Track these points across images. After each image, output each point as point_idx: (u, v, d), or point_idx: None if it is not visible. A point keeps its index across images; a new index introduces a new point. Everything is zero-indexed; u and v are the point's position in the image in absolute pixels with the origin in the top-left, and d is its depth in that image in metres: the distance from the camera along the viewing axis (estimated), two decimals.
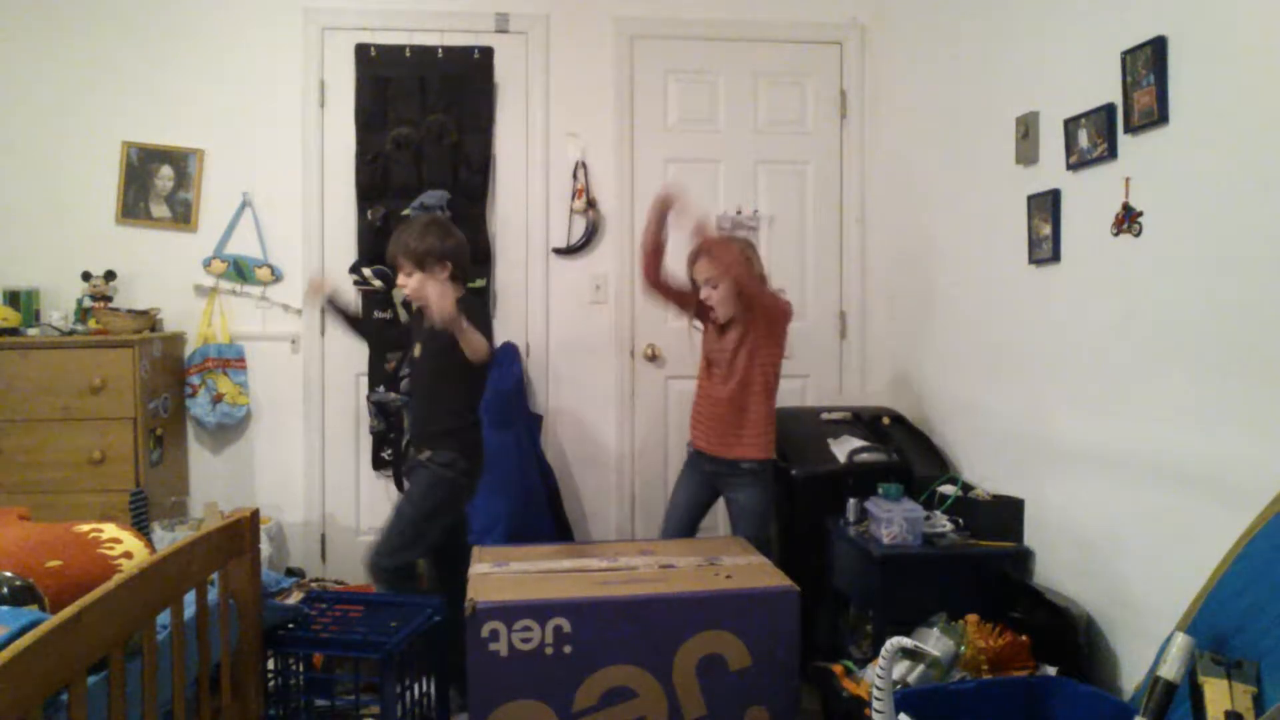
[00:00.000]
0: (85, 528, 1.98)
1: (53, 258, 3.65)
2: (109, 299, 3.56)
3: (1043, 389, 2.65)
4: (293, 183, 3.78)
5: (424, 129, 3.74)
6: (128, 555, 1.93)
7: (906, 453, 3.14)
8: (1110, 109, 2.32)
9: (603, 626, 2.24)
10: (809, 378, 4.01)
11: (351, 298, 2.97)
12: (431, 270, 2.79)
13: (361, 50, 3.73)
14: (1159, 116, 2.15)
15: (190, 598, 1.88)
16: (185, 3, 3.71)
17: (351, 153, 3.75)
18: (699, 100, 3.94)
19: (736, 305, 2.86)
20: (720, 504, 3.02)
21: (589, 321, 3.91)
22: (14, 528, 1.98)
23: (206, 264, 3.74)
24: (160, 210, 3.73)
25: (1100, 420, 2.39)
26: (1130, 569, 2.27)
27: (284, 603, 2.33)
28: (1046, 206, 2.60)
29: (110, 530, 2.00)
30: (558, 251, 3.87)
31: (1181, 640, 1.62)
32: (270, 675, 2.28)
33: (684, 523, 3.00)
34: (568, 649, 2.22)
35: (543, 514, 3.58)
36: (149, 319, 3.56)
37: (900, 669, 2.22)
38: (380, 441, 3.77)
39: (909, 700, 1.87)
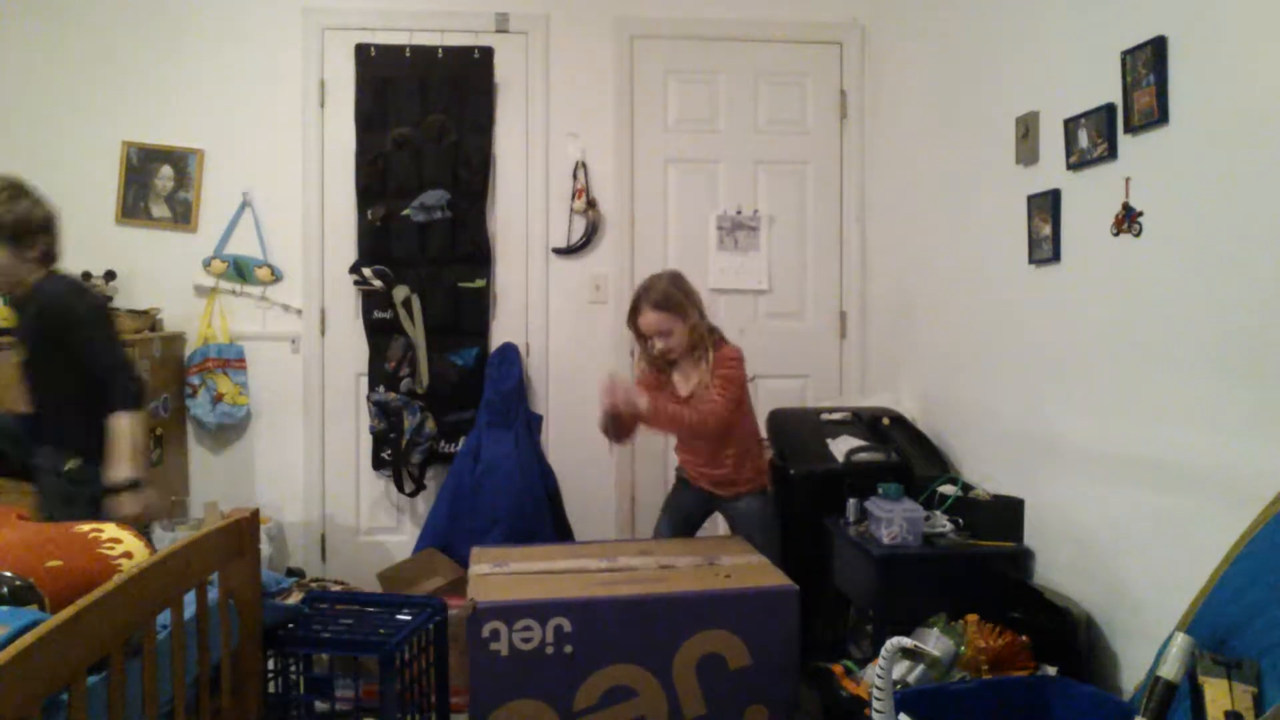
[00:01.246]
0: (85, 527, 1.98)
1: None
2: (109, 299, 3.55)
3: (1043, 389, 2.65)
4: (293, 183, 3.78)
5: (424, 129, 3.74)
6: (128, 555, 1.93)
7: (906, 453, 3.14)
8: (1110, 109, 2.32)
9: (604, 626, 2.24)
10: (809, 378, 4.01)
11: None
12: (21, 249, 2.26)
13: (361, 50, 3.73)
14: (1159, 116, 2.14)
15: (190, 598, 1.88)
16: (185, 3, 3.72)
17: (351, 153, 3.75)
18: (699, 100, 3.94)
19: (690, 340, 2.77)
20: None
21: (589, 321, 3.91)
22: (13, 528, 1.98)
23: (206, 264, 3.74)
24: (160, 210, 3.74)
25: (1100, 420, 2.39)
26: (1130, 569, 2.27)
27: (284, 603, 2.33)
28: (1046, 206, 2.60)
29: (110, 530, 1.99)
30: (558, 251, 3.87)
31: (1181, 640, 1.62)
32: (270, 675, 2.28)
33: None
34: (568, 648, 2.22)
35: (543, 514, 3.58)
36: (149, 319, 3.56)
37: (900, 669, 2.22)
38: (380, 441, 3.76)
39: (909, 700, 1.87)
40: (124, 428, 2.23)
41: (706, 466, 2.86)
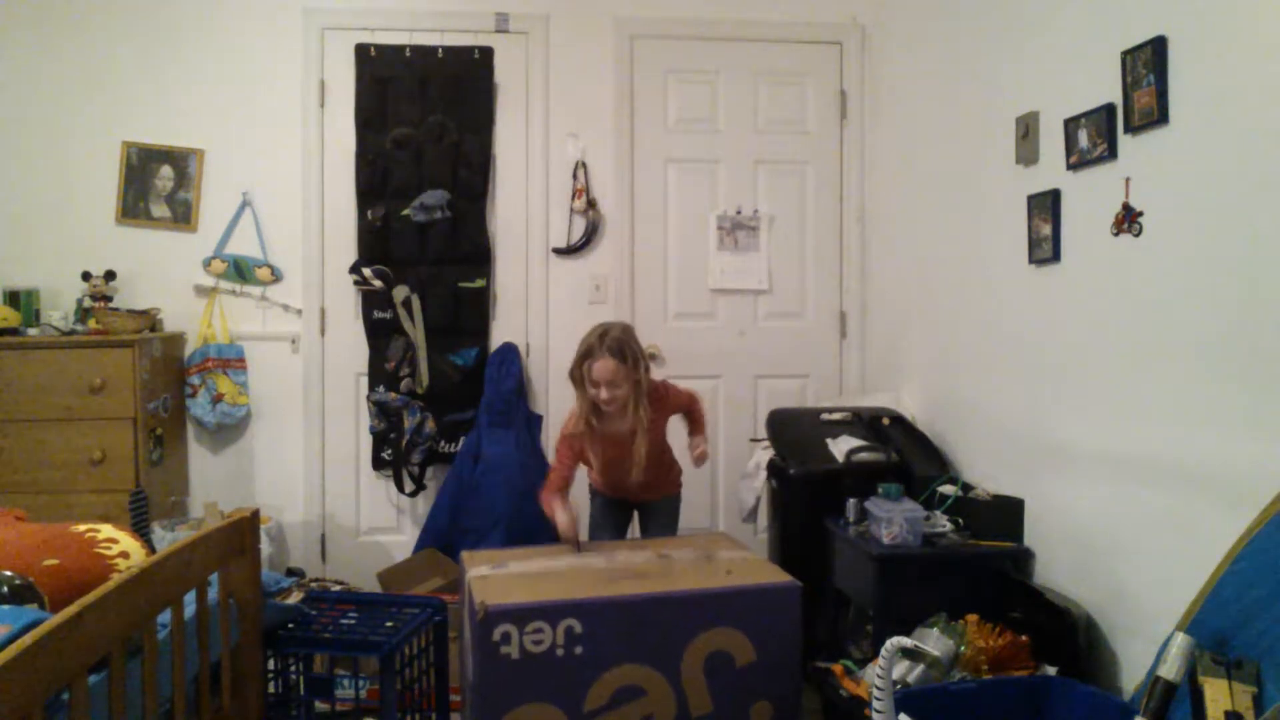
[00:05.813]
0: (82, 527, 1.98)
1: (53, 258, 3.65)
2: (109, 299, 3.56)
3: (1043, 389, 2.65)
4: (293, 183, 3.78)
5: (424, 129, 3.74)
6: (124, 555, 1.93)
7: (906, 453, 3.14)
8: (1110, 109, 2.32)
9: (614, 626, 2.22)
10: (809, 378, 4.01)
11: None
12: None
13: (361, 50, 3.73)
14: (1159, 116, 2.15)
15: (190, 598, 1.88)
16: (185, 3, 3.71)
17: (351, 153, 3.75)
18: (699, 100, 3.94)
19: (631, 396, 2.77)
20: None
21: (589, 321, 3.85)
22: (10, 528, 1.98)
23: (206, 264, 3.74)
24: (160, 210, 3.73)
25: (1100, 420, 2.39)
26: (1130, 569, 2.27)
27: (284, 603, 2.33)
28: (1046, 206, 2.60)
29: (107, 530, 2.00)
30: (558, 251, 3.87)
31: (1181, 640, 1.62)
32: (270, 675, 2.28)
33: None
34: (579, 650, 2.20)
35: (543, 514, 3.57)
36: (149, 319, 3.56)
37: (900, 669, 2.22)
38: (380, 441, 3.76)
39: (909, 700, 1.87)
40: None
41: (639, 484, 2.89)
